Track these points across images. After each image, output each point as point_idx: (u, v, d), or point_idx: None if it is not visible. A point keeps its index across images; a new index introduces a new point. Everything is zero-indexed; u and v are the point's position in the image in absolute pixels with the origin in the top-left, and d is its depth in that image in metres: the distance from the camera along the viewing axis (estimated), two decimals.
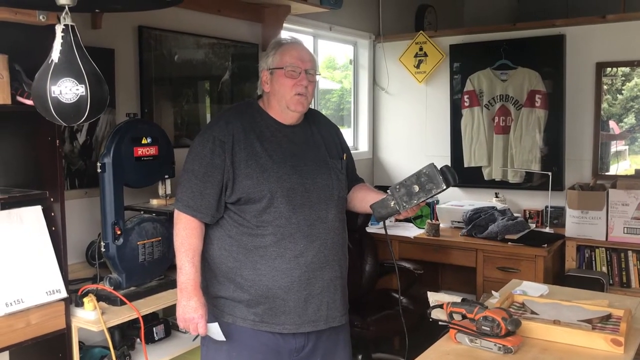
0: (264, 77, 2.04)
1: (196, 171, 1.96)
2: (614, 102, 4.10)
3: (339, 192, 2.07)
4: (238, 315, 1.98)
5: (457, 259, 3.78)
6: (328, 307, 2.02)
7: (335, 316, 2.05)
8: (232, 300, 1.99)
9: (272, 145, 1.99)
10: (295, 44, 2.05)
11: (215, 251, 2.01)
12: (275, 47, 2.04)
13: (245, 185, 1.93)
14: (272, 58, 2.02)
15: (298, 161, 2.00)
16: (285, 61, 1.99)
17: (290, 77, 1.98)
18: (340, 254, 2.08)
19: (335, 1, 4.13)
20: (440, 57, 4.45)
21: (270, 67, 2.02)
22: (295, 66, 1.99)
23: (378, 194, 2.08)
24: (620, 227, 3.59)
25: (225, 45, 3.45)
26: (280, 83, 1.99)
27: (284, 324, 1.97)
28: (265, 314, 1.97)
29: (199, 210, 1.95)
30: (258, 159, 1.95)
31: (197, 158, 1.97)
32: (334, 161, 2.09)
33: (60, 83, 1.65)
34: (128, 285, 2.36)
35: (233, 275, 1.98)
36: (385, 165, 4.90)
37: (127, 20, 2.89)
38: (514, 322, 1.85)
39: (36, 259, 2.08)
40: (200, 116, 3.37)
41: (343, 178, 2.11)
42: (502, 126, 4.25)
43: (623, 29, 3.91)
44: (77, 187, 2.71)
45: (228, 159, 1.94)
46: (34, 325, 2.03)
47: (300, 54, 2.02)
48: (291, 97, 1.99)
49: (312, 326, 2.00)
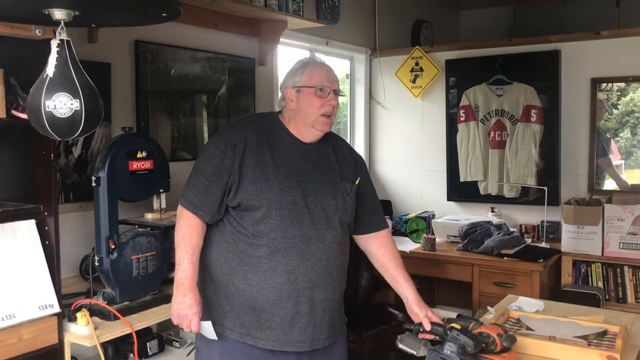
0: (288, 94, 2.04)
1: (204, 170, 1.97)
2: (610, 116, 4.12)
3: (340, 216, 2.04)
4: (226, 326, 1.98)
5: (453, 274, 3.77)
6: (314, 328, 1.99)
7: (320, 338, 2.01)
8: (224, 308, 1.98)
9: (283, 158, 1.99)
10: (323, 65, 2.07)
11: (213, 254, 2.02)
12: (303, 65, 2.05)
13: (247, 191, 1.93)
14: (300, 76, 2.02)
15: (305, 177, 2.00)
16: (315, 80, 2.00)
17: (319, 97, 1.99)
18: (335, 276, 2.04)
19: (331, 16, 4.16)
20: (436, 72, 4.48)
21: (297, 85, 2.01)
22: (325, 86, 2.00)
23: (400, 271, 2.12)
24: (616, 242, 3.59)
25: (222, 59, 3.46)
26: (308, 102, 2.00)
27: (268, 340, 1.95)
28: (251, 326, 1.95)
29: (200, 209, 1.95)
30: (265, 167, 1.95)
31: (207, 158, 1.99)
32: (344, 183, 2.07)
33: (54, 98, 1.65)
34: (122, 299, 2.35)
35: (225, 282, 1.98)
36: (382, 179, 4.90)
37: (124, 35, 2.90)
38: (509, 338, 1.84)
39: (29, 274, 2.06)
40: (197, 130, 3.37)
41: (350, 202, 2.08)
42: (497, 141, 4.27)
43: (617, 45, 3.94)
44: (71, 200, 2.70)
45: (237, 161, 1.95)
46: (26, 340, 2.01)
47: (329, 75, 2.04)
48: (317, 117, 2.00)
49: (297, 346, 1.97)
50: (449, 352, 1.78)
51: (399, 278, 2.13)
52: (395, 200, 4.79)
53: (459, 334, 1.79)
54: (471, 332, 1.81)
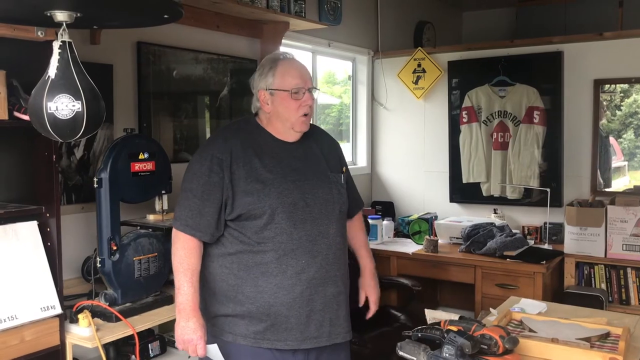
0: (262, 96, 2.01)
1: (194, 190, 1.94)
2: (613, 117, 4.11)
3: (340, 207, 2.06)
4: (238, 333, 1.96)
5: (455, 275, 3.76)
6: (331, 323, 2.00)
7: (339, 332, 2.03)
8: (233, 317, 1.96)
9: (272, 161, 1.98)
10: (291, 62, 2.02)
11: (215, 269, 1.99)
12: (271, 65, 2.00)
13: (246, 202, 1.92)
14: (271, 79, 1.98)
15: (299, 176, 1.99)
16: (289, 83, 1.96)
17: (295, 99, 1.96)
18: (343, 269, 2.07)
19: (334, 17, 4.16)
20: (439, 73, 4.47)
21: (270, 88, 1.98)
22: (300, 87, 1.96)
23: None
24: (619, 244, 3.58)
25: (224, 60, 3.46)
26: (284, 105, 1.97)
27: (286, 340, 1.95)
28: (267, 331, 1.94)
29: (198, 229, 1.93)
30: (258, 175, 1.94)
31: (195, 177, 1.95)
32: (334, 175, 2.08)
33: (56, 99, 1.65)
34: (123, 301, 2.35)
35: (234, 293, 1.96)
36: (384, 180, 4.89)
37: (126, 36, 2.90)
38: (511, 340, 1.83)
39: (31, 275, 2.06)
40: (199, 131, 3.37)
41: (344, 192, 2.10)
42: (500, 142, 4.26)
43: (620, 46, 3.93)
44: (73, 202, 2.71)
45: (227, 176, 1.92)
46: (28, 341, 2.01)
47: (300, 72, 1.99)
48: (297, 119, 1.98)
49: (314, 342, 1.97)
50: (448, 354, 1.77)
51: (361, 250, 2.33)
52: (397, 201, 4.78)
53: (456, 336, 1.78)
54: (468, 333, 1.80)
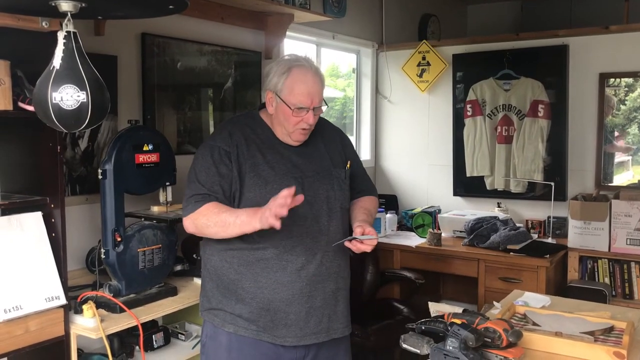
0: (268, 96, 1.99)
1: (203, 181, 1.93)
2: (617, 112, 4.10)
3: (341, 203, 2.05)
4: (240, 325, 1.97)
5: (458, 269, 3.77)
6: (330, 319, 2.01)
7: (338, 328, 2.04)
8: (233, 314, 1.97)
9: (274, 157, 1.97)
10: (305, 74, 1.94)
11: (217, 262, 2.00)
12: (285, 70, 1.94)
13: (248, 198, 1.92)
14: (281, 84, 1.94)
15: (300, 173, 1.98)
16: (294, 99, 1.91)
17: (296, 116, 1.93)
18: (343, 265, 2.07)
19: (338, 10, 4.15)
20: (443, 66, 4.46)
21: (277, 94, 1.95)
22: (303, 107, 1.92)
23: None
24: (623, 238, 3.57)
25: (228, 52, 3.45)
26: (285, 116, 1.95)
27: (285, 337, 1.96)
28: (266, 326, 1.95)
29: (211, 192, 1.89)
30: (260, 171, 1.93)
31: (202, 169, 1.94)
32: (337, 170, 2.07)
33: (61, 89, 1.65)
34: (128, 292, 2.35)
35: (234, 288, 1.97)
36: (388, 173, 4.89)
37: (131, 27, 2.90)
38: (515, 334, 1.83)
39: (36, 265, 2.07)
40: (203, 123, 3.37)
41: (346, 188, 2.09)
42: (504, 136, 4.25)
43: (626, 39, 3.91)
44: (78, 193, 2.71)
45: (235, 169, 1.92)
46: (33, 332, 2.02)
47: (309, 90, 1.92)
48: (294, 131, 1.97)
49: (313, 338, 1.98)
50: (451, 347, 1.78)
51: (358, 214, 2.08)
52: (401, 195, 4.78)
53: (460, 329, 1.78)
54: (472, 326, 1.80)
